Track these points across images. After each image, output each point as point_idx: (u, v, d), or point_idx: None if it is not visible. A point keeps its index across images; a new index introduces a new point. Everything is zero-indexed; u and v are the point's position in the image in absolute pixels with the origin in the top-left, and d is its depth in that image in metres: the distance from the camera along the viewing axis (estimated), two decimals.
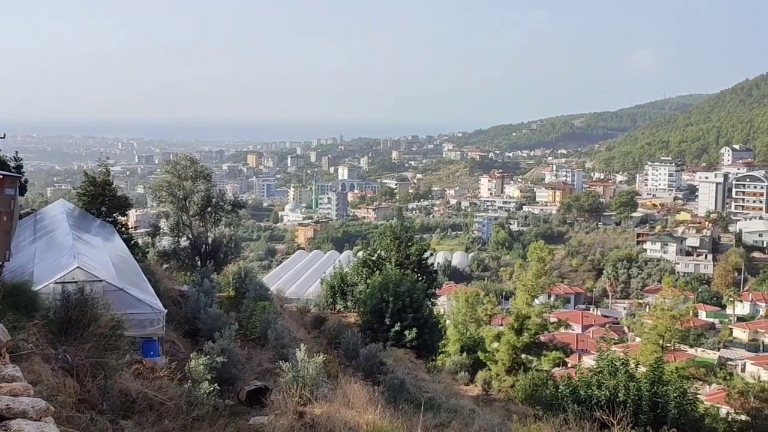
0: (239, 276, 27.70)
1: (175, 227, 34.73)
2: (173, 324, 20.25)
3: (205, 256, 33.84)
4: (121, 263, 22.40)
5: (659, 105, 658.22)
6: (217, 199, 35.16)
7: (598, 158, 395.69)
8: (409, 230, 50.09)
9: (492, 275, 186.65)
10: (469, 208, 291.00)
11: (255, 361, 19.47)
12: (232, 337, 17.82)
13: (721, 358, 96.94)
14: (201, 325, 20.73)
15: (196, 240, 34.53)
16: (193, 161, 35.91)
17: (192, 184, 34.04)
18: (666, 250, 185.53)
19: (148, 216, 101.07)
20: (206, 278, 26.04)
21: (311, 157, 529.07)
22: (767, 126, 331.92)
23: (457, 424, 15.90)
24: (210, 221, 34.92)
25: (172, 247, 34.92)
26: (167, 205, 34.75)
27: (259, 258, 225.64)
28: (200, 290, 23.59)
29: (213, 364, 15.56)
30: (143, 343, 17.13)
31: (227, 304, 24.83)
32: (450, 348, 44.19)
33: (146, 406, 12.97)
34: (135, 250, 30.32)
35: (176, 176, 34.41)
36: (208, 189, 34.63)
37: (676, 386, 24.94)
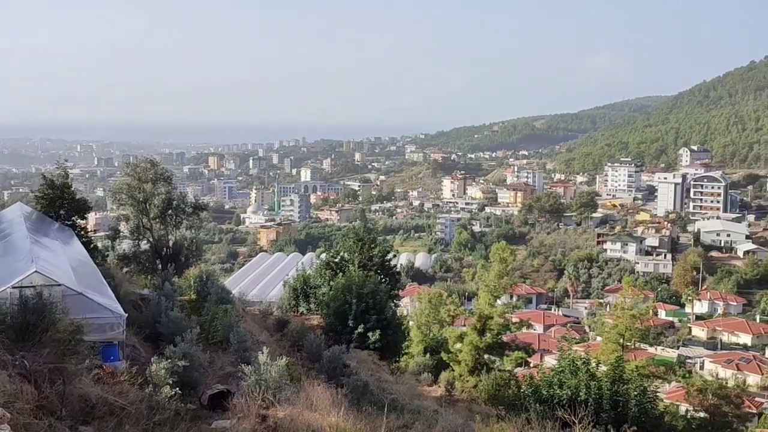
0: (201, 279, 27.47)
1: (135, 230, 34.36)
2: (134, 328, 20.03)
3: (166, 259, 33.53)
4: (81, 267, 22.11)
5: (619, 106, 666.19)
6: (178, 202, 34.83)
7: (558, 159, 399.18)
8: (372, 232, 50.11)
9: (455, 276, 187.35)
10: (431, 209, 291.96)
11: (217, 365, 19.32)
12: (193, 340, 17.67)
13: (680, 356, 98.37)
14: (162, 329, 20.53)
15: (157, 243, 34.20)
16: (154, 163, 35.54)
17: (152, 187, 33.70)
18: (626, 250, 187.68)
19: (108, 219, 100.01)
20: (167, 282, 25.79)
21: (273, 159, 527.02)
22: (724, 127, 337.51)
23: (421, 425, 15.92)
24: (171, 224, 34.59)
25: (133, 251, 34.55)
26: (127, 208, 34.37)
27: (221, 261, 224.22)
28: (161, 294, 23.37)
29: (174, 368, 15.42)
30: (103, 348, 16.92)
31: (189, 307, 24.62)
32: (413, 349, 44.26)
33: (106, 412, 12.82)
34: (94, 253, 29.95)
35: (136, 179, 34.04)
36: (168, 191, 34.31)
37: (637, 385, 25.23)
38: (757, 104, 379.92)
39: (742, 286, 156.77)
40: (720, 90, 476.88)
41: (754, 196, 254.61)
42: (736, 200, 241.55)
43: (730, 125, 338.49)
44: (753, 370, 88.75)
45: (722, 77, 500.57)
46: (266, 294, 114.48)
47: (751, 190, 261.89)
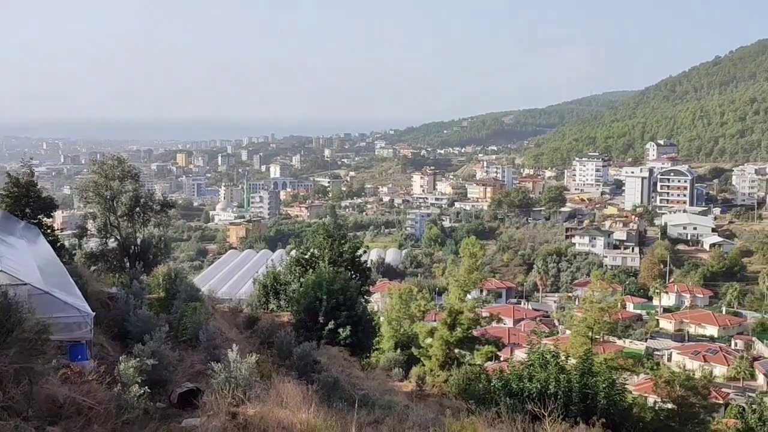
0: (169, 277, 27.26)
1: (102, 228, 34.02)
2: (102, 327, 19.84)
3: (134, 257, 33.25)
4: (47, 266, 21.86)
5: (586, 102, 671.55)
6: (146, 199, 34.54)
7: (527, 154, 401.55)
8: (342, 228, 50.04)
9: (425, 271, 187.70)
10: (401, 205, 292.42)
11: (186, 363, 19.20)
12: (162, 339, 17.55)
13: (649, 348, 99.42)
14: (130, 327, 20.35)
15: (125, 241, 33.90)
16: (121, 161, 35.21)
17: (119, 184, 33.38)
18: (594, 243, 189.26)
19: (75, 217, 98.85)
20: (135, 280, 25.59)
21: (242, 156, 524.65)
22: (690, 121, 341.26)
23: (391, 420, 15.94)
24: (138, 222, 34.30)
25: (100, 249, 34.21)
26: (94, 206, 34.01)
27: (190, 258, 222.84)
28: (129, 292, 23.16)
29: (143, 367, 15.30)
30: (70, 347, 16.74)
31: (157, 305, 24.42)
32: (384, 345, 44.32)
33: (74, 412, 12.70)
34: (61, 252, 29.61)
35: (103, 176, 33.70)
36: (136, 189, 34.00)
37: (605, 377, 25.45)
38: (722, 99, 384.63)
39: (708, 278, 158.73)
40: (686, 85, 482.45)
41: (719, 189, 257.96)
42: (702, 194, 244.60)
43: (696, 119, 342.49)
44: (719, 361, 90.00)
45: (688, 72, 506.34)
46: (236, 291, 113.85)
47: (716, 183, 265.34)
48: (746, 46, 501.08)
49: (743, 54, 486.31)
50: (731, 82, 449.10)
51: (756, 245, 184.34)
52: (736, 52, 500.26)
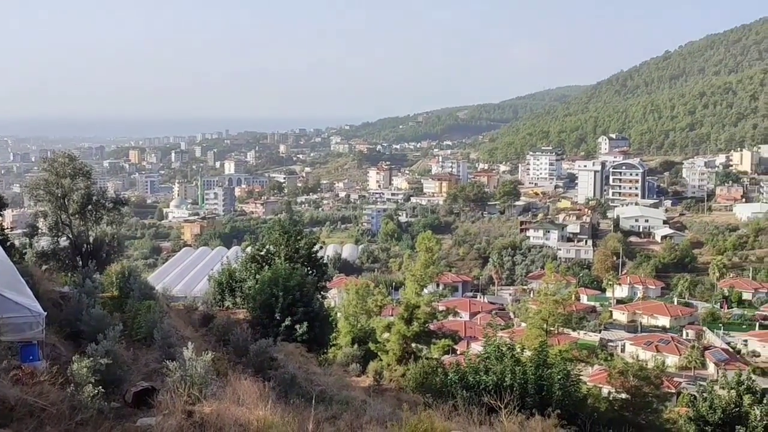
0: (123, 275, 26.91)
1: (53, 227, 33.47)
2: (54, 327, 19.53)
3: (87, 255, 32.75)
4: None
5: (539, 96, 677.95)
6: (98, 197, 34.03)
7: (482, 149, 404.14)
8: (299, 224, 49.83)
9: (382, 266, 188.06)
10: (358, 200, 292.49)
11: (141, 362, 19.01)
12: (116, 338, 17.33)
13: (602, 339, 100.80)
14: (84, 326, 20.06)
15: (77, 239, 33.39)
16: (72, 158, 34.64)
17: (71, 182, 32.85)
18: (548, 237, 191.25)
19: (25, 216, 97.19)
20: (88, 278, 25.20)
21: (196, 152, 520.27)
22: (641, 115, 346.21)
23: (349, 415, 15.96)
24: (91, 220, 33.78)
25: (52, 248, 33.65)
26: (45, 204, 33.43)
27: (144, 256, 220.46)
28: (82, 291, 22.82)
29: (97, 367, 15.10)
30: (22, 348, 16.46)
31: (111, 304, 24.10)
32: (341, 340, 44.30)
33: (26, 413, 12.51)
34: (11, 251, 29.06)
35: (54, 174, 33.13)
36: (88, 186, 33.48)
37: (560, 369, 25.75)
38: (672, 93, 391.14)
39: (660, 270, 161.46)
40: (637, 79, 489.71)
41: (670, 182, 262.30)
42: (653, 187, 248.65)
43: (647, 113, 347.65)
44: (671, 351, 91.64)
45: (639, 67, 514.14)
46: (191, 289, 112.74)
47: (667, 176, 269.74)
48: (695, 41, 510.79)
49: (692, 49, 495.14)
50: (681, 76, 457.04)
51: (706, 237, 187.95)
52: (685, 47, 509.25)
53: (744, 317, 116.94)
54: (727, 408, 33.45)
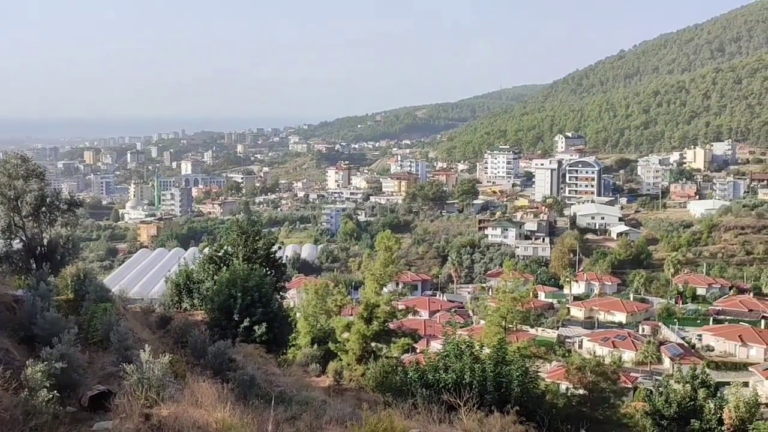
0: (78, 278, 26.54)
1: (6, 229, 32.84)
2: (7, 331, 19.22)
3: (41, 258, 32.21)
4: None
5: (497, 95, 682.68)
6: (52, 199, 33.46)
7: (440, 148, 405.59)
8: (257, 224, 49.55)
9: (341, 266, 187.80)
10: (316, 200, 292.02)
11: (97, 365, 18.76)
12: (71, 341, 17.08)
13: (560, 336, 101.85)
14: (38, 330, 19.74)
15: (30, 242, 32.81)
16: (25, 159, 33.99)
17: (24, 183, 32.25)
18: (506, 235, 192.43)
19: None
20: (42, 281, 24.81)
21: (152, 153, 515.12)
22: (596, 114, 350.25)
23: (308, 416, 15.92)
24: (45, 222, 33.21)
25: (4, 251, 33.01)
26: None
27: (100, 258, 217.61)
28: (36, 294, 22.46)
29: (51, 371, 14.89)
30: None
31: (66, 307, 23.76)
32: (301, 341, 44.17)
33: None
34: None
35: (6, 175, 32.49)
36: (41, 188, 32.89)
37: (519, 365, 25.93)
38: (627, 91, 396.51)
39: (616, 266, 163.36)
40: (592, 78, 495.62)
41: (625, 179, 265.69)
42: (609, 184, 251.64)
43: (602, 112, 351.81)
44: (628, 346, 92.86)
45: (594, 66, 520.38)
46: (148, 291, 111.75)
47: (622, 174, 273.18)
48: (649, 40, 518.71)
49: (646, 48, 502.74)
50: (635, 75, 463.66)
51: (661, 233, 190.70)
52: (639, 47, 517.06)
53: (698, 312, 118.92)
54: (682, 402, 34.07)
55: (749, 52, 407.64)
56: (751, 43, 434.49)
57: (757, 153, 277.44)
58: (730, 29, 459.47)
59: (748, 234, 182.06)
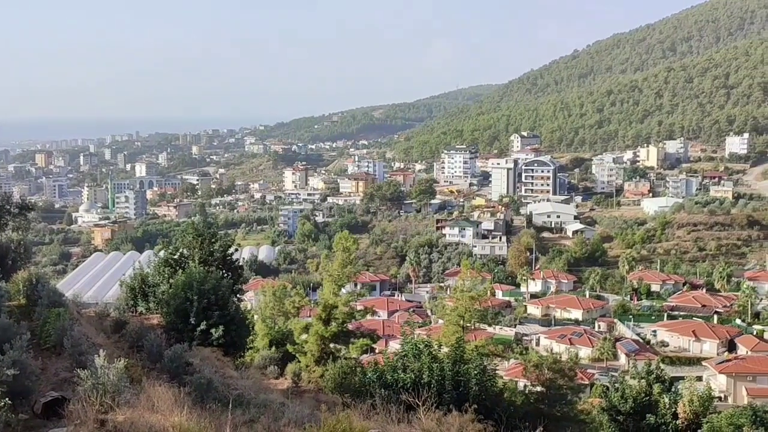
0: (30, 282, 26.08)
1: None
2: None
3: None
4: None
5: (453, 95, 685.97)
6: (3, 202, 32.87)
7: (397, 148, 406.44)
8: (213, 226, 49.21)
9: (299, 267, 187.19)
10: (273, 201, 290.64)
11: (51, 372, 18.47)
12: (23, 347, 16.80)
13: (518, 334, 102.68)
14: None
15: None
16: None
17: None
18: (464, 234, 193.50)
19: None
20: None
21: (106, 155, 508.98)
22: (551, 113, 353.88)
23: (266, 418, 15.84)
24: None
25: None
26: None
27: (53, 263, 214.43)
28: None
29: (3, 378, 14.63)
30: None
31: (18, 313, 23.34)
32: (258, 343, 43.94)
33: None
34: None
35: None
36: None
37: (477, 364, 26.02)
38: (581, 91, 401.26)
39: (572, 264, 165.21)
40: (547, 78, 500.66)
41: (580, 178, 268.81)
42: (564, 183, 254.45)
43: (557, 111, 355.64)
44: (584, 343, 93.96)
45: (548, 66, 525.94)
46: (103, 295, 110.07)
47: (577, 172, 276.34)
48: (602, 40, 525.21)
49: (600, 48, 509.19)
50: (589, 74, 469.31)
51: (615, 231, 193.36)
52: (593, 46, 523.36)
53: (653, 308, 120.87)
54: (637, 397, 34.49)
55: (700, 52, 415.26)
56: (701, 43, 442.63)
57: (708, 151, 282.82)
58: (681, 29, 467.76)
59: (700, 231, 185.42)
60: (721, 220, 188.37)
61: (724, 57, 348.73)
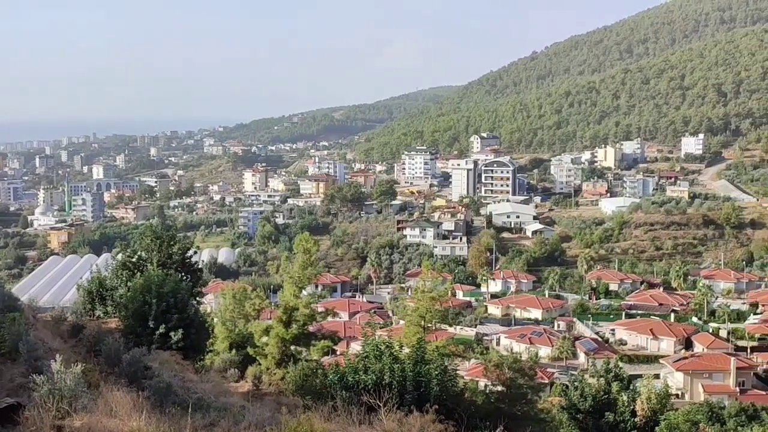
0: None
1: None
2: None
3: None
4: None
5: (413, 97, 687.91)
6: None
7: (358, 149, 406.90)
8: (171, 229, 48.79)
9: (259, 269, 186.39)
10: (233, 203, 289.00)
11: (6, 377, 18.16)
12: None
13: (478, 334, 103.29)
14: None
15: None
16: None
17: None
18: (424, 235, 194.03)
19: None
20: None
21: (62, 157, 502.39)
22: (510, 114, 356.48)
23: (226, 422, 15.74)
24: None
25: None
26: None
27: (8, 266, 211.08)
28: None
29: None
30: None
31: None
32: (218, 346, 43.54)
33: None
34: None
35: None
36: None
37: (438, 364, 26.06)
38: (539, 92, 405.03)
39: (531, 264, 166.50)
40: (506, 79, 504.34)
41: (539, 179, 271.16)
42: (523, 183, 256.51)
43: (516, 112, 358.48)
44: (544, 342, 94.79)
45: (507, 67, 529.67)
46: (59, 299, 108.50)
47: (536, 173, 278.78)
48: (560, 41, 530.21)
49: (558, 49, 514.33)
50: (548, 76, 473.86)
51: (574, 231, 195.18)
52: (551, 48, 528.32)
53: (611, 307, 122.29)
54: (596, 396, 34.90)
55: (656, 53, 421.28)
56: (657, 45, 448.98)
57: (664, 151, 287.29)
58: (638, 31, 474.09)
59: (657, 230, 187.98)
60: (678, 219, 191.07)
61: (680, 59, 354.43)
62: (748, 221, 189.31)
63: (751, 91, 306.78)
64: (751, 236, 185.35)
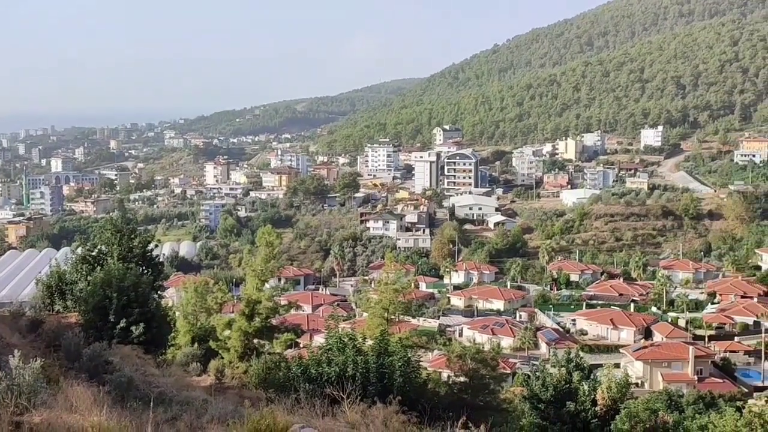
0: None
1: None
2: None
3: None
4: None
5: (376, 89, 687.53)
6: None
7: (321, 142, 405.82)
8: (132, 222, 48.30)
9: (221, 263, 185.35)
10: (194, 196, 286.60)
11: None
12: None
13: (441, 325, 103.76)
14: None
15: None
16: None
17: None
18: (387, 227, 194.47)
19: None
20: None
21: (20, 150, 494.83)
22: (473, 107, 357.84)
23: (189, 416, 15.65)
24: None
25: None
26: None
27: None
28: None
29: None
30: None
31: None
32: (180, 340, 43.29)
33: None
34: None
35: None
36: None
37: (401, 356, 26.20)
38: (501, 85, 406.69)
39: (493, 255, 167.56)
40: (468, 72, 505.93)
41: (501, 171, 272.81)
42: (485, 176, 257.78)
43: (478, 105, 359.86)
44: (506, 333, 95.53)
45: (469, 60, 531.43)
46: (18, 294, 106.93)
47: (498, 165, 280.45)
48: (521, 34, 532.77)
49: (519, 42, 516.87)
50: (509, 69, 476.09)
51: (535, 222, 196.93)
52: (512, 41, 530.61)
53: (572, 298, 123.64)
54: (558, 385, 35.18)
55: (616, 46, 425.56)
56: (617, 38, 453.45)
57: (624, 143, 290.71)
58: (598, 24, 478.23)
59: (617, 221, 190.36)
60: (637, 210, 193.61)
61: (639, 51, 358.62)
62: (706, 212, 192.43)
63: (708, 83, 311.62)
64: (709, 227, 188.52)
